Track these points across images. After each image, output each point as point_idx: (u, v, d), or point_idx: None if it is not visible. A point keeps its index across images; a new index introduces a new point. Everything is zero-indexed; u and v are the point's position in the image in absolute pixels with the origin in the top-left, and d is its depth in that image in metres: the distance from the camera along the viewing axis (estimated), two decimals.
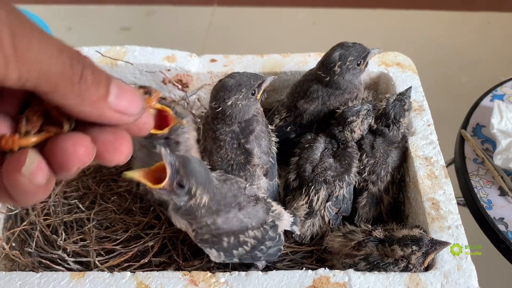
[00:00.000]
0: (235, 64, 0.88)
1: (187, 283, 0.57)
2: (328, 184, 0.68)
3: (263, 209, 0.62)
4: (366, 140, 0.73)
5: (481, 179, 0.82)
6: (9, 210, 0.74)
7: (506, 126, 0.84)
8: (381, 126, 0.72)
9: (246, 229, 0.60)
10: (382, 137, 0.72)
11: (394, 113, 0.71)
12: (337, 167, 0.70)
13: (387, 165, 0.71)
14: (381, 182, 0.71)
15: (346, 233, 0.65)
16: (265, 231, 0.62)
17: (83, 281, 0.58)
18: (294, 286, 0.57)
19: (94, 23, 2.12)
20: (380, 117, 0.72)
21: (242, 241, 0.60)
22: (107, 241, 0.71)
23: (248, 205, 0.61)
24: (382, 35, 1.93)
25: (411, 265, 0.58)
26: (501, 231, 0.75)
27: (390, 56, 0.88)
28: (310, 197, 0.68)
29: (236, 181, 0.62)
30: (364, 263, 0.60)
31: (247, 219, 0.60)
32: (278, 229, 0.64)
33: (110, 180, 0.80)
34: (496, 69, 1.46)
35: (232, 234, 0.59)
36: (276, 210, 0.65)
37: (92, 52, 0.89)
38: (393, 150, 0.72)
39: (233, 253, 0.61)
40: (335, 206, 0.69)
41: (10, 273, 0.60)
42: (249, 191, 0.62)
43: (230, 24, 2.11)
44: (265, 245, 0.62)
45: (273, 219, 0.64)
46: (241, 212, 0.60)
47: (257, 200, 0.62)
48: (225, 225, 0.59)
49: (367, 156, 0.71)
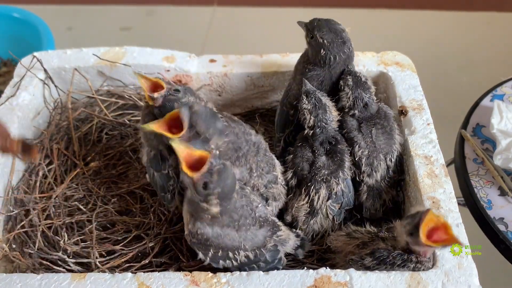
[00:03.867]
0: (235, 64, 0.88)
1: (188, 284, 0.58)
2: (327, 183, 0.69)
3: (264, 234, 0.61)
4: (353, 131, 0.72)
5: (481, 179, 0.82)
6: (9, 211, 0.74)
7: (506, 126, 0.84)
8: (360, 111, 0.72)
9: (237, 248, 0.59)
10: (365, 120, 0.73)
11: (363, 92, 0.72)
12: (330, 164, 0.70)
13: (378, 152, 0.71)
14: (376, 172, 0.71)
15: (349, 232, 0.65)
16: (261, 255, 0.61)
17: (84, 283, 0.58)
18: (296, 285, 0.57)
19: (94, 23, 2.11)
20: (354, 104, 0.72)
21: (232, 257, 0.60)
22: (107, 242, 0.71)
23: (250, 228, 0.60)
24: (382, 35, 1.93)
25: (414, 257, 0.57)
26: (501, 231, 0.75)
27: (389, 55, 0.88)
28: (311, 197, 0.68)
29: (251, 199, 0.61)
30: (370, 258, 0.60)
31: (241, 240, 0.59)
32: (278, 254, 0.63)
33: (110, 182, 0.81)
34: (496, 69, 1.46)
35: (221, 249, 0.59)
36: (282, 235, 0.64)
37: (90, 53, 0.89)
38: (379, 135, 0.72)
39: (219, 262, 0.60)
40: (336, 203, 0.69)
41: (11, 275, 0.60)
42: (259, 212, 0.61)
43: (230, 24, 2.11)
44: (258, 265, 0.62)
45: (275, 243, 0.62)
46: (238, 232, 0.59)
47: (263, 223, 0.61)
48: (215, 239, 0.58)
49: (360, 148, 0.71)
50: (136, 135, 0.87)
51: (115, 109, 0.90)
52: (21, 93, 0.83)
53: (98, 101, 0.88)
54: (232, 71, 0.87)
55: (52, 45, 1.28)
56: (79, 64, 0.88)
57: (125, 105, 0.90)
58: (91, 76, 0.89)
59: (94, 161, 0.83)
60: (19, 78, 0.86)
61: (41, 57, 0.88)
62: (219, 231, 0.58)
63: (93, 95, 0.89)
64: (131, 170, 0.83)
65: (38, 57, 0.87)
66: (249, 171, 0.64)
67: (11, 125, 0.79)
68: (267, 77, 0.88)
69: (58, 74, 0.89)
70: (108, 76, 0.89)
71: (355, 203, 0.73)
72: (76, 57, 0.89)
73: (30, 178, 0.79)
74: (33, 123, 0.84)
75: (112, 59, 0.88)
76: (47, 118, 0.88)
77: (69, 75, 0.89)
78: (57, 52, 0.91)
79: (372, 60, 0.87)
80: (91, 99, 0.90)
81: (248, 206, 0.60)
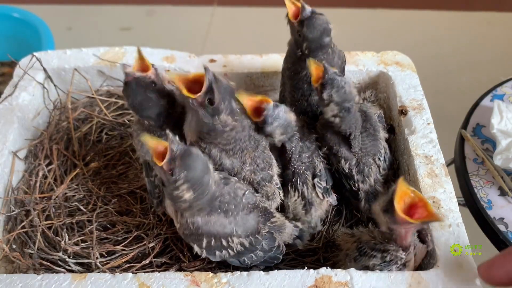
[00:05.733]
0: (235, 64, 0.88)
1: (189, 284, 0.58)
2: (310, 169, 0.69)
3: (256, 219, 0.61)
4: (335, 146, 0.70)
5: (481, 179, 0.82)
6: (9, 212, 0.74)
7: (506, 126, 0.84)
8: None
9: (229, 235, 0.59)
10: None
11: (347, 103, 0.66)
12: (307, 145, 0.70)
13: (366, 156, 0.70)
14: (369, 178, 0.71)
15: (353, 233, 0.66)
16: (256, 242, 0.61)
17: (84, 283, 0.58)
18: (296, 285, 0.57)
19: (94, 23, 2.11)
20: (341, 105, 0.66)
21: (226, 245, 0.60)
22: (108, 242, 0.71)
23: (239, 213, 0.60)
24: (382, 34, 1.93)
25: (393, 247, 0.57)
26: (501, 231, 0.75)
27: (389, 55, 0.88)
28: (300, 190, 0.69)
29: (236, 186, 0.61)
30: (355, 250, 0.61)
31: (232, 225, 0.59)
32: (275, 242, 0.63)
33: (110, 182, 0.80)
34: (496, 69, 1.46)
35: (213, 237, 0.59)
36: (276, 221, 0.64)
37: (90, 53, 0.89)
38: (364, 139, 0.71)
39: (215, 253, 0.60)
40: (322, 180, 0.70)
41: (11, 275, 0.60)
42: (247, 198, 0.61)
43: (230, 24, 2.11)
44: (256, 254, 0.62)
45: (269, 230, 0.63)
46: (227, 218, 0.59)
47: (253, 209, 0.62)
48: (205, 226, 0.58)
49: (347, 160, 0.70)
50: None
51: (115, 109, 0.90)
52: (20, 93, 0.83)
53: (98, 101, 0.88)
54: (232, 71, 0.87)
55: (52, 45, 1.28)
56: (79, 64, 0.88)
57: (124, 105, 0.90)
58: (91, 76, 0.89)
59: (94, 161, 0.83)
60: (18, 78, 0.86)
61: (41, 57, 0.88)
62: (207, 218, 0.58)
63: (93, 95, 0.89)
64: (131, 170, 0.83)
65: (37, 57, 0.87)
66: (242, 164, 0.64)
67: (11, 125, 0.79)
68: (267, 77, 0.88)
69: (58, 74, 0.89)
70: (108, 76, 0.89)
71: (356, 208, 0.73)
72: (76, 57, 0.89)
73: (30, 178, 0.79)
74: (32, 123, 0.84)
75: (112, 59, 0.88)
76: (47, 118, 0.87)
77: (69, 75, 0.89)
78: (56, 52, 0.91)
79: (372, 60, 0.87)
80: (91, 99, 0.90)
81: (232, 192, 0.60)
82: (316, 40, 0.69)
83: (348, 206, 0.75)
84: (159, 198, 0.69)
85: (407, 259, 0.58)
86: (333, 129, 0.70)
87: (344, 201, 0.75)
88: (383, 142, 0.72)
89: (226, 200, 0.59)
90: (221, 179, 0.60)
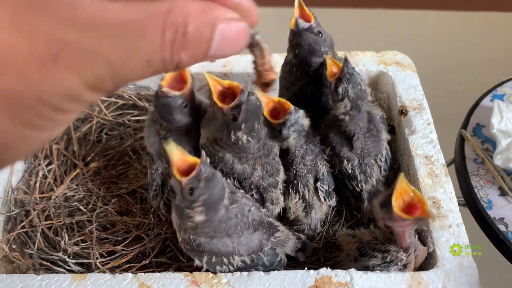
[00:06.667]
0: (235, 64, 0.88)
1: (189, 284, 0.57)
2: (312, 172, 0.69)
3: (260, 238, 0.60)
4: (337, 147, 0.70)
5: (481, 179, 0.82)
6: (9, 212, 0.74)
7: (506, 126, 0.84)
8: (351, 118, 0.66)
9: (231, 254, 0.59)
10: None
11: (355, 96, 0.64)
12: (311, 147, 0.69)
13: (368, 157, 0.70)
14: (371, 178, 0.70)
15: (356, 233, 0.66)
16: (258, 259, 0.60)
17: (84, 283, 0.58)
18: (296, 285, 0.57)
19: None
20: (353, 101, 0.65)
21: (227, 262, 0.59)
22: (108, 242, 0.71)
23: (244, 233, 0.59)
24: (382, 34, 1.93)
25: (393, 247, 0.57)
26: (501, 231, 0.75)
27: (389, 55, 0.88)
28: (301, 193, 0.68)
29: (242, 202, 0.60)
30: (355, 250, 0.61)
31: (234, 245, 0.59)
32: (277, 257, 0.62)
33: (110, 182, 0.80)
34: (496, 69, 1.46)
35: (214, 255, 0.58)
36: (280, 236, 0.63)
37: None
38: (366, 140, 0.70)
39: (216, 268, 0.60)
40: (324, 184, 0.69)
41: (11, 275, 0.60)
42: (252, 215, 0.60)
43: None
44: (257, 269, 0.61)
45: (272, 246, 0.62)
46: (231, 238, 0.58)
47: (258, 226, 0.61)
48: (207, 245, 0.58)
49: (349, 161, 0.69)
50: (135, 135, 0.87)
51: (115, 109, 0.90)
52: None
53: (97, 101, 0.88)
54: (232, 71, 0.87)
55: None
56: None
57: (124, 105, 0.90)
58: None
59: (94, 161, 0.83)
60: None
61: None
62: (210, 239, 0.58)
63: None
64: (131, 170, 0.83)
65: None
66: (253, 170, 0.64)
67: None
68: None
69: None
70: None
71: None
72: None
73: (30, 178, 0.79)
74: None
75: None
76: None
77: None
78: None
79: (372, 60, 0.87)
80: None
81: (239, 213, 0.59)
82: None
83: (348, 206, 0.75)
84: (156, 192, 0.69)
85: (408, 261, 0.58)
86: (337, 128, 0.69)
87: (344, 201, 0.74)
88: (385, 143, 0.72)
89: (233, 223, 0.58)
90: (229, 194, 0.58)
